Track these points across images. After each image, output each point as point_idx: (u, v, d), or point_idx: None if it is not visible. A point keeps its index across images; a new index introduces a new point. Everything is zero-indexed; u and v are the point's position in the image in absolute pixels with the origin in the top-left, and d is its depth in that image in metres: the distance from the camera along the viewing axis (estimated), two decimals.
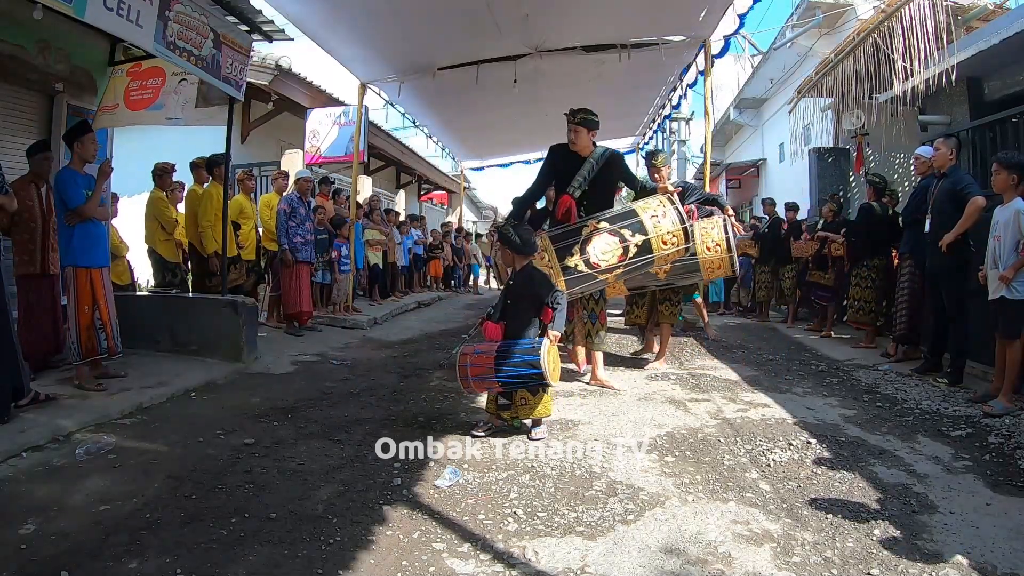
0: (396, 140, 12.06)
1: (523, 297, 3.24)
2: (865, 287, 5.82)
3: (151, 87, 5.90)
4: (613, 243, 3.81)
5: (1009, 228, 3.54)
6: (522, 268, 3.29)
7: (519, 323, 3.20)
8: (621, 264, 3.79)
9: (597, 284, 3.82)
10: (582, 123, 3.93)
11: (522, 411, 3.14)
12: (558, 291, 3.21)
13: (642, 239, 3.83)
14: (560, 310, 3.12)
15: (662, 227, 3.87)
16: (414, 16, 5.88)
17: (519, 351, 3.06)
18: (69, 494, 2.42)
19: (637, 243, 3.82)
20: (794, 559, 2.00)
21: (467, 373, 3.11)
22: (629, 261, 3.82)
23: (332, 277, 7.12)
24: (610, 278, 3.82)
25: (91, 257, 3.79)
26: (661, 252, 3.88)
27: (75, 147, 3.79)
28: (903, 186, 7.21)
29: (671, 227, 3.88)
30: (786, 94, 10.45)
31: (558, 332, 3.10)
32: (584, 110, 3.98)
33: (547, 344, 3.01)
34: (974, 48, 5.31)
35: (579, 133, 3.94)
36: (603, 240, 3.81)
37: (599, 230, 3.84)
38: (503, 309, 3.30)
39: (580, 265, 3.77)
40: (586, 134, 3.96)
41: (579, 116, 3.94)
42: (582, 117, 3.94)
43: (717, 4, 5.95)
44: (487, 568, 1.98)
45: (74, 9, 3.31)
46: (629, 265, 3.84)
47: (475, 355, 3.14)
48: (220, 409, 3.64)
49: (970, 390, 4.02)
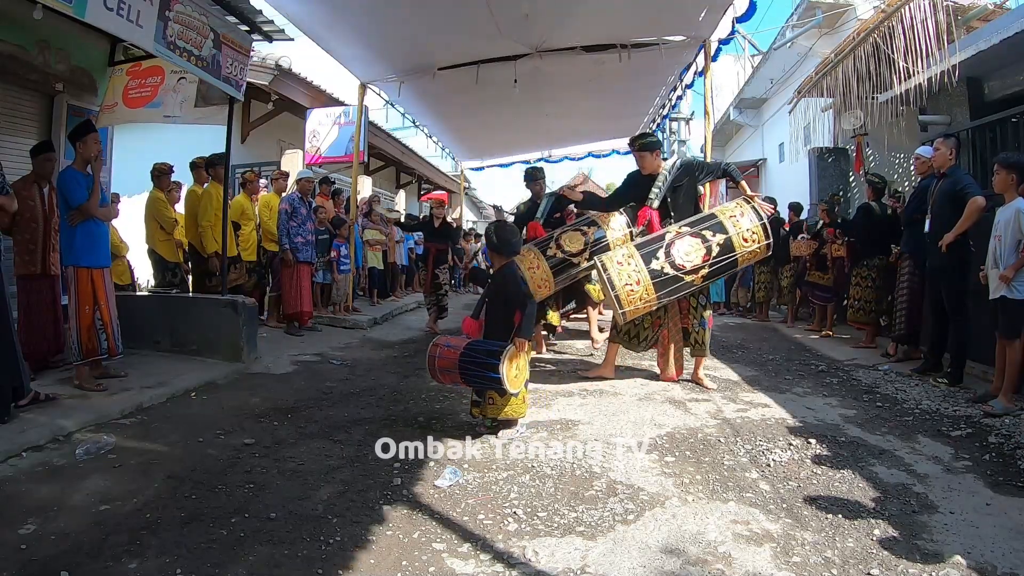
0: (396, 140, 12.06)
1: (498, 297, 3.24)
2: (865, 287, 5.82)
3: (150, 85, 5.90)
4: (696, 244, 3.91)
5: (1009, 228, 3.55)
6: (500, 268, 3.27)
7: (493, 323, 3.20)
8: (706, 264, 3.90)
9: (684, 286, 3.93)
10: (642, 148, 4.22)
11: (489, 410, 3.13)
12: (529, 296, 3.17)
13: (723, 238, 3.94)
14: (528, 316, 3.07)
15: (741, 225, 3.98)
16: (414, 16, 5.87)
17: (484, 352, 3.01)
18: (69, 494, 2.42)
19: (719, 242, 3.92)
20: (794, 559, 2.00)
21: (434, 364, 3.14)
22: (713, 260, 3.91)
23: (332, 277, 7.13)
24: (696, 279, 3.93)
25: (93, 257, 3.79)
26: (743, 249, 3.97)
27: (78, 147, 3.79)
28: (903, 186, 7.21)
29: (750, 224, 4.00)
30: (786, 94, 10.44)
31: (523, 338, 3.04)
32: (641, 136, 4.29)
33: (511, 350, 2.97)
34: (974, 48, 5.30)
35: (643, 157, 4.22)
36: (686, 242, 3.92)
37: (681, 234, 3.97)
38: (482, 307, 3.31)
39: (666, 268, 3.87)
40: (650, 156, 4.21)
41: (638, 143, 4.26)
42: (640, 144, 4.24)
43: (717, 4, 5.94)
44: (487, 568, 1.98)
45: (74, 9, 3.31)
46: (715, 264, 3.92)
47: (444, 348, 3.14)
48: (220, 409, 3.64)
49: (970, 390, 4.02)
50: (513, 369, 2.98)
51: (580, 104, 8.68)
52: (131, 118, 6.01)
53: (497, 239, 3.25)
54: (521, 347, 3.02)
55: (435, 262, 6.98)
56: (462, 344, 3.11)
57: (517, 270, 3.29)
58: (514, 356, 2.98)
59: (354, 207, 7.83)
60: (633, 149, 4.28)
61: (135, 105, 5.92)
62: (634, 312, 3.92)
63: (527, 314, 3.07)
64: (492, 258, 3.34)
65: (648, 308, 3.99)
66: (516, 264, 3.31)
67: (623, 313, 3.87)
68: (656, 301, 3.92)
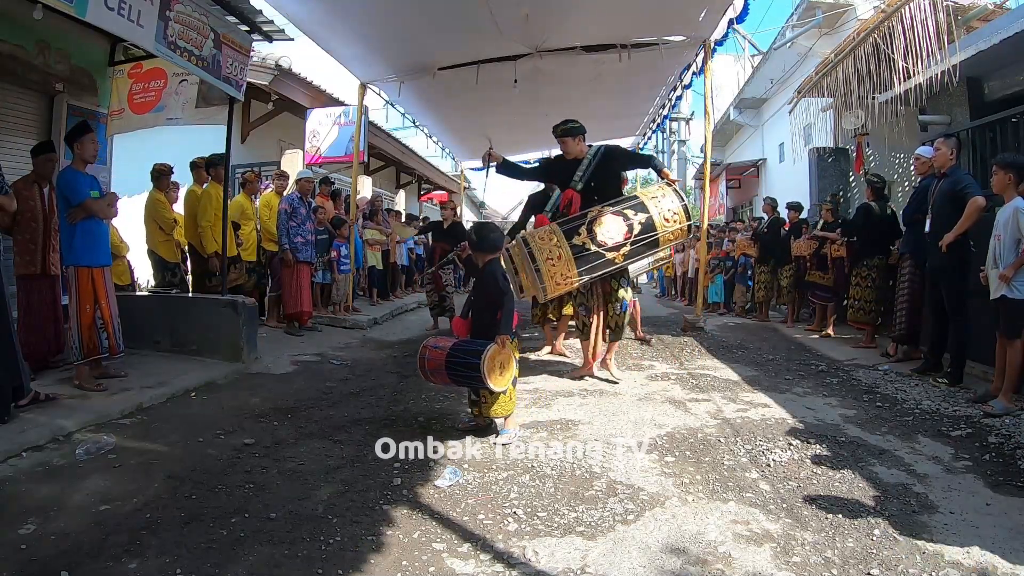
0: (396, 140, 12.06)
1: (483, 295, 3.25)
2: (865, 287, 5.82)
3: (153, 89, 5.92)
4: (617, 222, 3.99)
5: (1009, 227, 3.55)
6: (484, 266, 3.29)
7: (480, 322, 3.21)
8: (627, 241, 3.98)
9: (606, 263, 4.00)
10: (564, 134, 4.23)
11: (483, 408, 3.15)
12: (506, 294, 3.16)
13: (645, 216, 4.03)
14: (507, 312, 3.08)
15: (662, 205, 4.10)
16: (414, 16, 5.88)
17: (467, 351, 3.01)
18: (69, 494, 2.42)
19: (640, 221, 4.01)
20: (794, 559, 2.00)
21: (424, 366, 3.17)
22: (635, 238, 3.99)
23: (332, 277, 7.12)
24: (618, 257, 4.00)
25: (93, 256, 3.80)
26: (664, 228, 4.07)
27: (75, 147, 3.80)
28: (903, 186, 7.21)
29: (671, 205, 4.12)
30: (786, 94, 10.44)
31: (504, 335, 3.02)
32: (563, 122, 4.27)
33: (491, 348, 2.97)
34: (974, 48, 5.31)
35: (565, 143, 4.26)
36: (608, 220, 4.00)
37: (603, 212, 4.05)
38: (470, 306, 3.33)
39: (588, 244, 3.94)
40: (572, 142, 4.25)
41: (560, 129, 4.26)
42: (562, 129, 4.24)
43: (717, 4, 5.95)
44: (487, 568, 1.98)
45: (75, 9, 3.32)
46: (636, 242, 3.99)
47: (432, 349, 3.16)
48: (220, 409, 3.64)
49: (970, 390, 4.02)
50: (497, 366, 2.98)
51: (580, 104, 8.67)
52: (140, 124, 6.05)
53: (477, 237, 3.28)
54: (503, 344, 3.01)
55: None
56: (448, 344, 3.13)
57: (499, 268, 3.30)
58: (495, 354, 2.98)
59: (354, 207, 7.83)
60: (556, 135, 4.29)
61: (141, 111, 5.95)
62: (555, 288, 3.93)
63: (506, 310, 3.08)
64: (475, 256, 3.36)
65: (569, 286, 3.99)
66: (498, 262, 3.33)
67: (543, 288, 3.88)
68: (576, 277, 3.92)
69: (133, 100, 5.97)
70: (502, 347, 3.00)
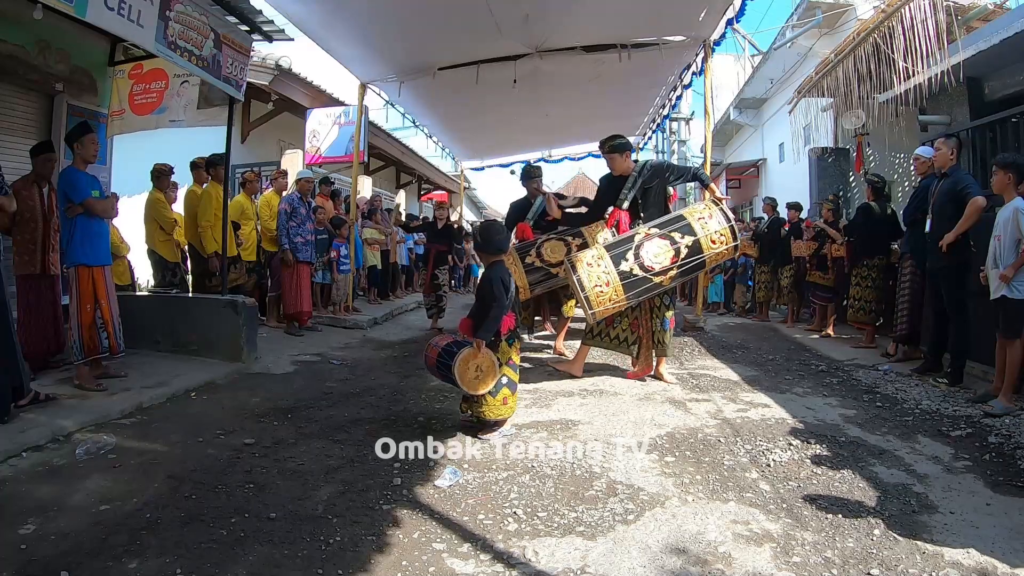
0: (396, 140, 12.06)
1: (481, 296, 3.27)
2: (865, 286, 5.82)
3: (155, 90, 5.92)
4: (664, 246, 3.95)
5: (1009, 227, 3.55)
6: (487, 268, 3.30)
7: (477, 323, 3.21)
8: (675, 265, 3.97)
9: (653, 287, 4.01)
10: (612, 151, 4.22)
11: (474, 407, 3.16)
12: (495, 300, 3.12)
13: (691, 239, 3.98)
14: (489, 320, 3.06)
15: (709, 227, 4.03)
16: (414, 16, 5.87)
17: (451, 351, 3.06)
18: (69, 494, 2.42)
19: (687, 244, 3.96)
20: (794, 559, 2.00)
21: (425, 361, 3.33)
22: (682, 261, 3.96)
23: (332, 277, 7.12)
24: (665, 280, 4.00)
25: (93, 255, 3.80)
26: (711, 251, 4.03)
27: (75, 148, 3.81)
28: (903, 186, 7.21)
29: (718, 227, 4.05)
30: (786, 94, 10.45)
31: (479, 339, 3.02)
32: (610, 138, 4.25)
33: (465, 351, 2.98)
34: (974, 48, 5.31)
35: (613, 159, 4.24)
36: (655, 244, 3.97)
37: (650, 236, 4.01)
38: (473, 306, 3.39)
39: (635, 269, 3.92)
40: (620, 158, 4.22)
41: (608, 145, 4.25)
42: (610, 146, 4.23)
43: (717, 4, 5.94)
44: (487, 568, 1.98)
45: (75, 9, 3.31)
46: (683, 265, 3.97)
47: (432, 347, 3.27)
48: (220, 409, 3.64)
49: (970, 390, 4.02)
50: (472, 371, 2.98)
51: (580, 104, 8.68)
52: (141, 126, 6.04)
53: (481, 239, 3.29)
54: (478, 347, 3.00)
55: (435, 263, 6.98)
56: (443, 343, 3.21)
57: (499, 270, 3.24)
58: (469, 357, 2.98)
59: (354, 207, 7.83)
60: (603, 152, 4.27)
61: (143, 112, 5.94)
62: (603, 312, 3.99)
63: (490, 317, 3.06)
64: (479, 257, 3.38)
65: (618, 309, 4.06)
66: (502, 264, 3.29)
67: (593, 314, 3.95)
68: (625, 302, 3.99)
69: (134, 101, 5.96)
70: (477, 351, 3.00)
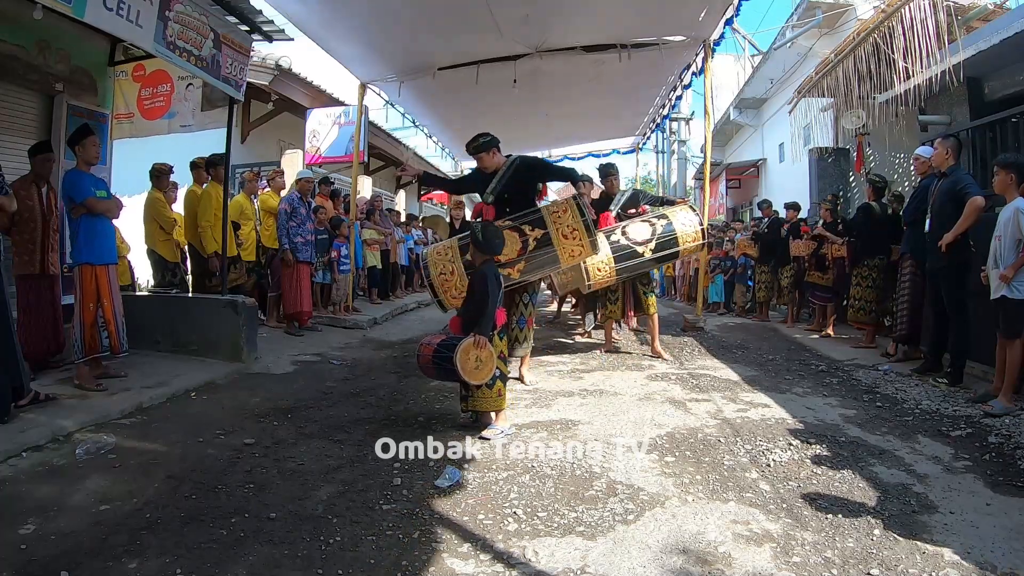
0: (396, 140, 12.05)
1: (473, 294, 3.32)
2: (866, 286, 5.82)
3: (162, 94, 5.93)
4: (514, 237, 4.04)
5: (1009, 227, 3.55)
6: (479, 266, 3.34)
7: (469, 321, 3.25)
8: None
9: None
10: (477, 151, 4.17)
11: (470, 402, 3.25)
12: (492, 296, 3.21)
13: (541, 232, 4.06)
14: (486, 316, 3.15)
15: (562, 221, 4.12)
16: (414, 16, 5.88)
17: (449, 345, 3.13)
18: (69, 494, 2.42)
19: (536, 236, 4.06)
20: (794, 559, 2.00)
21: (419, 360, 3.36)
22: (529, 254, 4.05)
23: (332, 277, 7.12)
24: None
25: (97, 254, 3.81)
26: (563, 244, 4.10)
27: (77, 151, 3.83)
28: (903, 186, 7.21)
29: (571, 221, 4.12)
30: (786, 94, 10.45)
31: (480, 335, 3.10)
32: (474, 139, 4.21)
33: (465, 342, 3.06)
34: (974, 48, 5.31)
35: (480, 159, 4.20)
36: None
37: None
38: (464, 304, 3.43)
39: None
40: (487, 156, 4.19)
41: (471, 147, 4.21)
42: (474, 147, 4.19)
43: (717, 4, 5.94)
44: (487, 568, 1.98)
45: (73, 9, 3.32)
46: (530, 258, 4.05)
47: (425, 345, 3.30)
48: (220, 409, 3.64)
49: (970, 390, 4.02)
50: (472, 361, 3.07)
51: (580, 104, 8.68)
52: (151, 130, 6.07)
53: (482, 237, 3.31)
54: (478, 340, 3.08)
55: None
56: (437, 341, 3.25)
57: (492, 268, 3.34)
58: (469, 348, 3.06)
59: (354, 207, 7.83)
60: (469, 153, 4.24)
61: (152, 116, 5.97)
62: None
63: (487, 312, 3.15)
64: (473, 255, 3.41)
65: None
66: (493, 264, 3.37)
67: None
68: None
69: (143, 105, 5.98)
70: (475, 343, 3.08)
